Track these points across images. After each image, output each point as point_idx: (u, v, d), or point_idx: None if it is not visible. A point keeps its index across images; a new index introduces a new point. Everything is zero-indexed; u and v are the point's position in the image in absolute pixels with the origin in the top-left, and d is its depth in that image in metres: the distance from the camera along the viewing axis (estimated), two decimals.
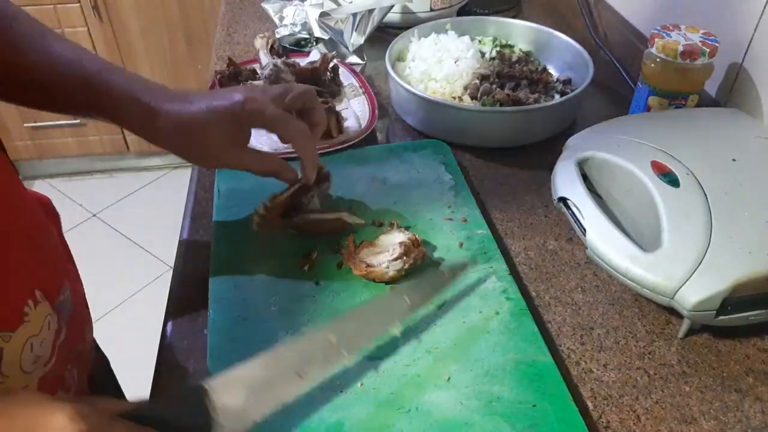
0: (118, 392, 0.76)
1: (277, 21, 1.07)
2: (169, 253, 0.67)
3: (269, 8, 1.08)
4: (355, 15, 0.95)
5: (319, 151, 0.76)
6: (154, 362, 0.55)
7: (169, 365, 0.55)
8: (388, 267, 0.58)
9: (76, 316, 0.54)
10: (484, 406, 0.49)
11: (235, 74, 0.86)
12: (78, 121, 2.18)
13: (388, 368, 0.52)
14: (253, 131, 0.63)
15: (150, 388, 0.53)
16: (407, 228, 0.64)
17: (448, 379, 0.51)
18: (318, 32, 1.00)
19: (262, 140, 0.79)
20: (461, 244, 0.63)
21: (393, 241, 0.60)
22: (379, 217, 0.67)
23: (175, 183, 2.39)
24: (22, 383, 0.45)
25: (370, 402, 0.49)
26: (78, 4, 1.98)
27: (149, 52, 2.14)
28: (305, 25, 1.03)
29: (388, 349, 0.53)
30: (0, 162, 0.46)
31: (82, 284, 0.62)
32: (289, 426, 0.47)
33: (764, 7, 0.71)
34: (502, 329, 0.55)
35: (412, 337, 0.54)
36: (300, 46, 1.02)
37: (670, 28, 0.76)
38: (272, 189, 0.64)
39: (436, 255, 0.62)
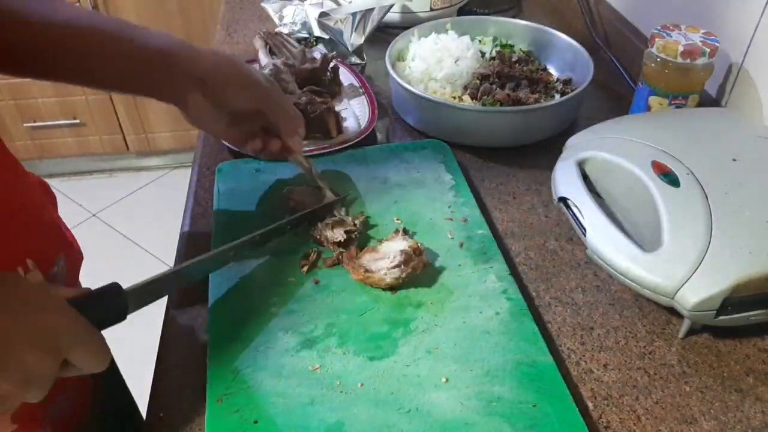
0: (123, 388, 0.76)
1: (276, 21, 1.07)
2: (169, 253, 0.67)
3: (269, 8, 1.08)
4: (354, 15, 0.95)
5: (319, 152, 0.76)
6: (154, 362, 0.55)
7: (168, 365, 0.55)
8: (386, 274, 0.58)
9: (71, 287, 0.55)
10: (484, 407, 0.48)
11: None
12: (78, 120, 2.18)
13: (388, 368, 0.52)
14: None
15: (150, 387, 0.53)
16: (412, 234, 0.64)
17: (447, 380, 0.51)
18: (318, 32, 1.00)
19: None
20: (461, 244, 0.63)
21: (395, 248, 0.60)
22: (380, 217, 0.67)
23: (175, 183, 2.39)
24: None
25: (370, 402, 0.49)
26: (78, 4, 1.98)
27: None
28: (305, 25, 1.03)
29: (388, 349, 0.53)
30: None
31: (80, 256, 0.63)
32: (290, 427, 0.47)
33: (764, 7, 0.71)
34: (503, 329, 0.55)
35: (413, 338, 0.54)
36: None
37: (670, 28, 0.76)
38: (273, 189, 0.64)
39: (435, 256, 0.62)
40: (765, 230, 0.55)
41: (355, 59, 0.97)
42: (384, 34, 1.05)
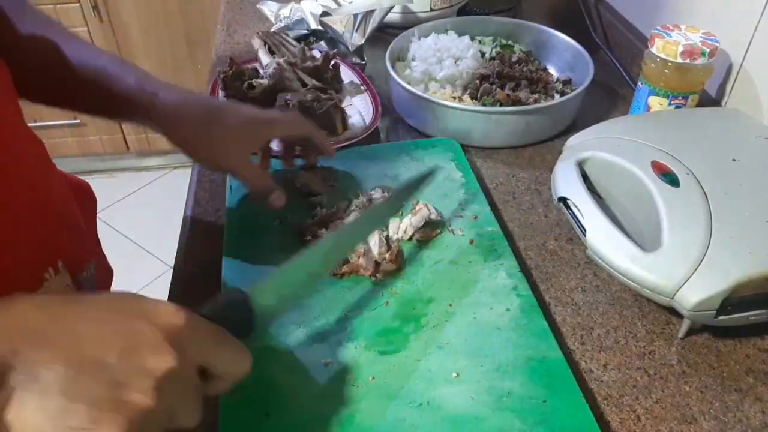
0: None
1: (273, 20, 1.07)
2: (169, 253, 0.67)
3: (265, 9, 1.08)
4: (356, 15, 0.95)
5: None
6: None
7: None
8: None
9: None
10: (494, 401, 0.49)
11: (238, 74, 0.85)
12: (78, 120, 2.18)
13: (400, 362, 0.52)
14: None
15: None
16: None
17: (458, 375, 0.51)
18: (314, 25, 1.00)
19: None
20: (471, 241, 0.64)
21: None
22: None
23: (175, 183, 2.39)
24: None
25: (382, 395, 0.49)
26: (78, 4, 1.98)
27: (149, 52, 2.14)
28: (303, 23, 1.03)
29: (399, 344, 0.54)
30: (30, 136, 0.49)
31: (111, 271, 0.64)
32: (303, 419, 0.48)
33: (764, 7, 0.71)
34: (513, 325, 0.55)
35: (423, 333, 0.54)
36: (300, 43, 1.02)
37: (670, 28, 0.76)
38: (284, 183, 0.65)
39: (446, 253, 0.63)
40: (765, 230, 0.55)
41: (355, 59, 0.97)
42: (384, 34, 1.05)
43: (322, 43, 1.00)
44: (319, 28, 0.99)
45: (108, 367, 0.32)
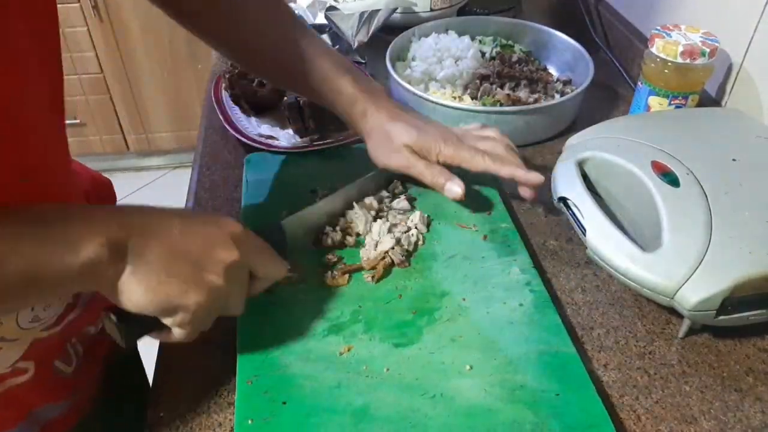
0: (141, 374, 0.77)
1: None
2: None
3: None
4: (362, 14, 0.96)
5: (336, 144, 0.76)
6: (155, 362, 0.55)
7: (169, 364, 0.55)
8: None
9: (97, 301, 0.57)
10: (507, 394, 0.49)
11: (242, 73, 0.85)
12: (78, 120, 2.18)
13: (413, 355, 0.52)
14: (266, 126, 0.75)
15: (151, 387, 0.53)
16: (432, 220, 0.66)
17: (471, 367, 0.51)
18: (312, 21, 1.00)
19: (281, 135, 0.80)
20: (485, 237, 0.64)
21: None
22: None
23: (175, 183, 2.39)
24: (14, 336, 0.49)
25: (395, 386, 0.50)
26: (78, 4, 1.98)
27: (149, 52, 2.14)
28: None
29: (413, 336, 0.54)
30: (60, 135, 0.51)
31: None
32: (317, 408, 0.48)
33: (764, 7, 0.71)
34: (526, 320, 0.55)
35: (437, 326, 0.55)
36: None
37: (670, 28, 0.76)
38: (300, 180, 0.66)
39: (459, 248, 0.63)
40: (765, 230, 0.55)
41: (356, 57, 0.97)
42: (384, 34, 1.05)
43: (326, 36, 1.00)
44: (317, 22, 1.00)
45: (193, 256, 0.44)
